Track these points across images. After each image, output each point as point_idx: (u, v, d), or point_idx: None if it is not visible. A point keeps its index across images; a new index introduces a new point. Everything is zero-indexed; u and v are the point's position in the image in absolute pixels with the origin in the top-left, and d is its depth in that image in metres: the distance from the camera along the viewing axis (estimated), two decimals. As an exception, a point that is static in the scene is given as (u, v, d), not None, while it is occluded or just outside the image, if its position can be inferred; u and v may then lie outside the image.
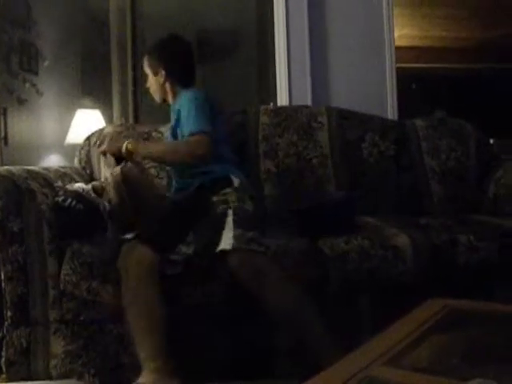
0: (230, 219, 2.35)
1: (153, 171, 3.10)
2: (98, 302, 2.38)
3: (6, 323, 2.41)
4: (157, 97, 3.00)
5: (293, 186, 3.15)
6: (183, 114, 2.68)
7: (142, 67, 3.07)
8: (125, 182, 2.44)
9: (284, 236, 2.54)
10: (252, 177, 3.04)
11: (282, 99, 3.96)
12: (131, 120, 5.06)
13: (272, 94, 4.18)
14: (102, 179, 3.04)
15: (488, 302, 1.95)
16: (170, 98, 2.94)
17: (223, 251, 2.22)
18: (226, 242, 2.24)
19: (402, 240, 2.49)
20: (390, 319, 1.69)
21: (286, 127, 3.27)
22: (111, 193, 2.51)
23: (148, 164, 3.05)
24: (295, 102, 3.86)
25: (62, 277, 2.38)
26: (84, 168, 3.23)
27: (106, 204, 2.55)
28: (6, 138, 4.02)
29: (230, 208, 2.43)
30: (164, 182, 3.10)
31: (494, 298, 2.48)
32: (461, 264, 2.47)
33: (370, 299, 2.48)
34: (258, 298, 2.21)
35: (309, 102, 3.84)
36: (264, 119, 3.30)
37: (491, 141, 3.61)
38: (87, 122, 4.62)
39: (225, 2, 5.04)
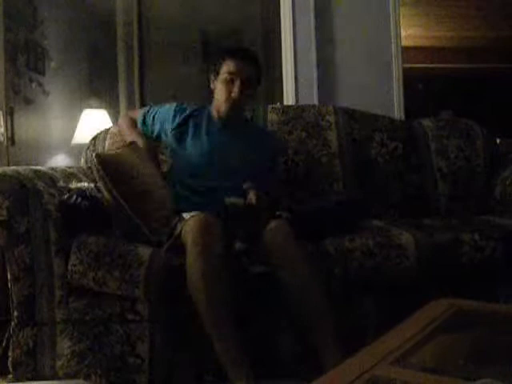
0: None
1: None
2: (104, 300, 2.38)
3: (13, 323, 2.41)
4: (245, 107, 2.96)
5: (301, 183, 3.15)
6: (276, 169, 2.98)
7: (248, 71, 2.78)
8: (102, 166, 2.46)
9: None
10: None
11: (289, 99, 3.96)
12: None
13: (278, 94, 4.19)
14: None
15: (494, 303, 1.95)
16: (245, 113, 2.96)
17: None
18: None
19: (406, 239, 2.48)
20: (394, 318, 1.69)
21: (294, 125, 3.27)
22: (98, 180, 2.53)
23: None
24: (302, 102, 3.87)
25: (69, 267, 2.38)
26: (90, 168, 3.22)
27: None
28: (12, 137, 4.02)
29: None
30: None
31: (498, 298, 2.48)
32: (465, 263, 2.47)
33: (374, 298, 2.47)
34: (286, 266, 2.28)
35: (315, 102, 3.84)
36: (272, 117, 3.30)
37: (498, 140, 3.59)
38: (94, 121, 4.62)
39: (230, 2, 5.04)
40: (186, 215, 2.43)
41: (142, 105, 5.11)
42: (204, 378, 2.36)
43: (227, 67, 2.75)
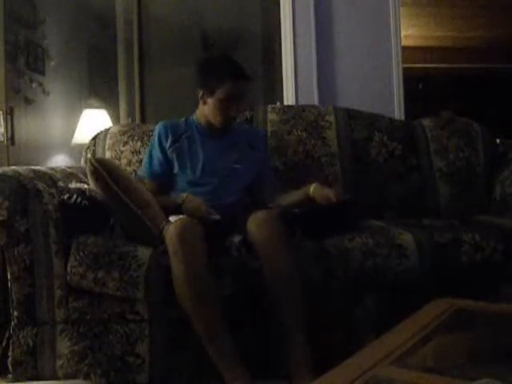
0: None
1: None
2: (104, 300, 2.38)
3: (13, 323, 2.41)
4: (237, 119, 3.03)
5: (301, 183, 3.15)
6: (264, 156, 3.01)
7: (242, 87, 2.79)
8: (102, 167, 2.45)
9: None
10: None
11: (289, 99, 3.96)
12: (138, 119, 5.06)
13: (278, 94, 4.19)
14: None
15: (494, 303, 1.95)
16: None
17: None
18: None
19: (406, 238, 2.48)
20: (394, 318, 1.69)
21: (294, 125, 3.27)
22: (96, 187, 2.51)
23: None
24: (301, 102, 3.87)
25: (68, 269, 2.38)
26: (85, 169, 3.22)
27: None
28: (12, 137, 4.03)
29: None
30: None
31: (498, 298, 2.48)
32: (465, 263, 2.47)
33: (374, 298, 2.47)
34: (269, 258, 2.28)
35: (315, 102, 3.84)
36: (272, 116, 3.30)
37: (498, 140, 3.59)
38: (94, 121, 4.62)
39: (230, 2, 5.04)
40: (172, 218, 2.42)
41: (142, 105, 5.10)
42: (203, 378, 2.36)
43: (226, 91, 2.71)
